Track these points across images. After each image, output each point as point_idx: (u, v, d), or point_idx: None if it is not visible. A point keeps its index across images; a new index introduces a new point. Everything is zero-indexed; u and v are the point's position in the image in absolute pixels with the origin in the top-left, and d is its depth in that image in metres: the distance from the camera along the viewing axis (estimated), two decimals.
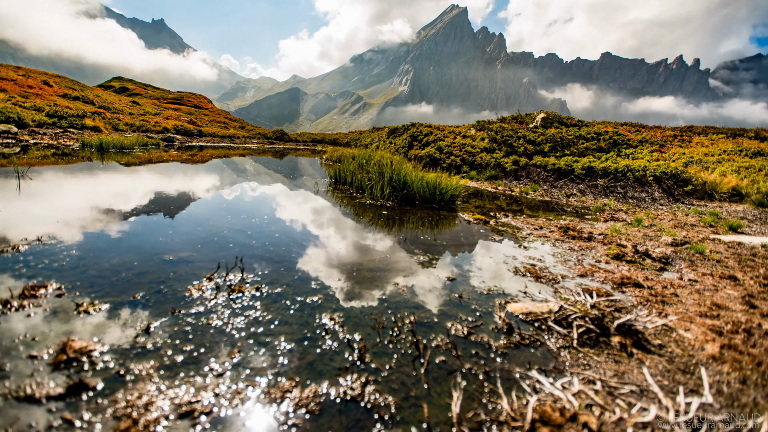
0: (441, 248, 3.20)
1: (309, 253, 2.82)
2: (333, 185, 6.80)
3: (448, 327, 1.78)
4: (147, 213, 3.68)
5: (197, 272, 2.24)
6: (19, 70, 33.06)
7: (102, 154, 9.95)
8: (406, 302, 2.05)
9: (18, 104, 16.87)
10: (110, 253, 2.45)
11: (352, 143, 26.60)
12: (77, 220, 3.19)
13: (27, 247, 2.40)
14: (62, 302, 1.74)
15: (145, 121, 24.54)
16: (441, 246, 3.27)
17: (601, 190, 7.56)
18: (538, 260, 2.98)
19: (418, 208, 5.06)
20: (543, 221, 4.60)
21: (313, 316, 1.81)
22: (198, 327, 1.62)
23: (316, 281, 2.26)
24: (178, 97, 52.72)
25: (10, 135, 11.77)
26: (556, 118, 11.82)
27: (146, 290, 1.94)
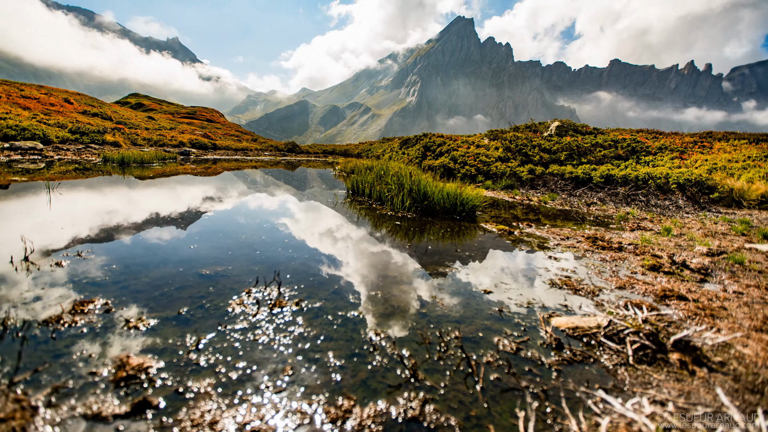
0: (470, 260, 3.16)
1: (339, 266, 2.81)
2: (351, 197, 6.83)
3: (494, 342, 1.74)
4: (176, 226, 3.73)
5: (234, 286, 2.26)
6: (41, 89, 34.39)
7: (123, 169, 10.20)
8: (447, 316, 2.02)
9: (42, 122, 17.49)
10: (147, 267, 2.49)
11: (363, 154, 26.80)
12: (111, 234, 3.25)
13: (69, 262, 2.45)
14: (111, 317, 1.77)
15: (162, 135, 25.17)
16: (470, 258, 3.24)
17: (622, 198, 7.43)
18: (571, 272, 2.93)
19: (439, 219, 5.04)
20: (568, 231, 4.53)
21: (357, 331, 1.80)
22: (246, 343, 1.62)
23: (353, 295, 2.25)
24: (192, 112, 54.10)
25: (36, 151, 12.18)
26: (570, 126, 11.73)
27: (189, 305, 1.96)
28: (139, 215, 4.16)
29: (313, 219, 4.67)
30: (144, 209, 4.52)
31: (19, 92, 27.88)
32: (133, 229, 3.50)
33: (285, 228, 4.01)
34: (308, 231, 3.96)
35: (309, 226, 4.20)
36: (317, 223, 4.44)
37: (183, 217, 4.25)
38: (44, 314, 1.74)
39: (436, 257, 3.20)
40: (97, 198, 5.08)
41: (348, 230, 4.12)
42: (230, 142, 31.51)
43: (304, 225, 4.27)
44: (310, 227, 4.16)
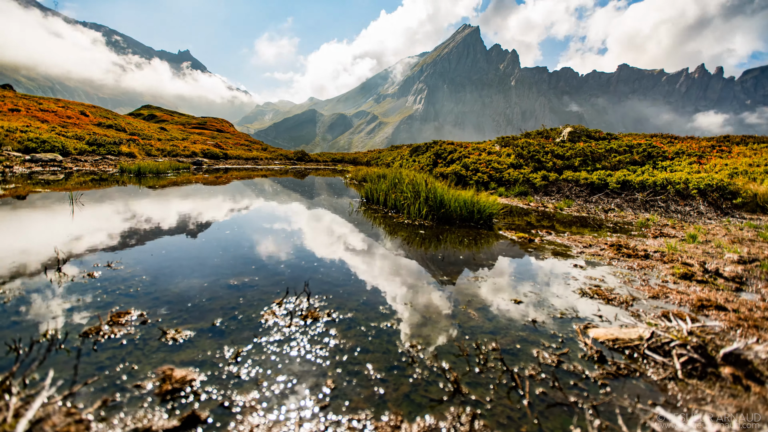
0: (494, 268, 3.12)
1: (364, 276, 2.80)
2: (366, 205, 6.84)
3: (534, 354, 1.71)
4: (198, 236, 3.77)
5: (264, 297, 2.26)
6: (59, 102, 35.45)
7: (140, 179, 10.38)
8: (480, 327, 1.99)
9: (61, 134, 17.97)
10: (175, 278, 2.51)
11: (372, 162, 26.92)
12: (137, 245, 3.29)
13: (100, 273, 2.48)
14: (148, 329, 1.77)
15: (175, 146, 25.64)
16: (493, 266, 3.20)
17: (640, 204, 7.31)
18: (600, 280, 2.87)
19: (456, 228, 5.01)
20: (590, 239, 4.46)
21: (392, 342, 1.78)
22: (284, 355, 1.61)
23: (383, 305, 2.23)
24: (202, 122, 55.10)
25: (56, 163, 12.49)
26: (583, 131, 11.62)
27: (222, 316, 1.96)
28: (161, 226, 4.21)
29: (331, 228, 4.68)
30: (166, 219, 4.58)
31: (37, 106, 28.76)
32: (157, 240, 3.54)
33: (305, 237, 4.02)
34: (328, 240, 3.97)
35: (329, 236, 4.21)
36: (336, 232, 4.45)
37: (204, 227, 4.29)
38: (84, 326, 1.76)
39: (460, 266, 3.17)
40: (119, 208, 5.17)
41: (368, 239, 4.11)
42: (241, 152, 31.95)
43: (324, 234, 4.28)
44: (330, 236, 4.17)
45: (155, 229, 3.98)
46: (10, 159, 11.87)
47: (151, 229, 4.01)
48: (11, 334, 1.66)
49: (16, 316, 1.83)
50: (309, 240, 3.90)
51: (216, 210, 5.53)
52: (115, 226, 4.01)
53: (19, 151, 13.57)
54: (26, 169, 10.72)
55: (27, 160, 12.14)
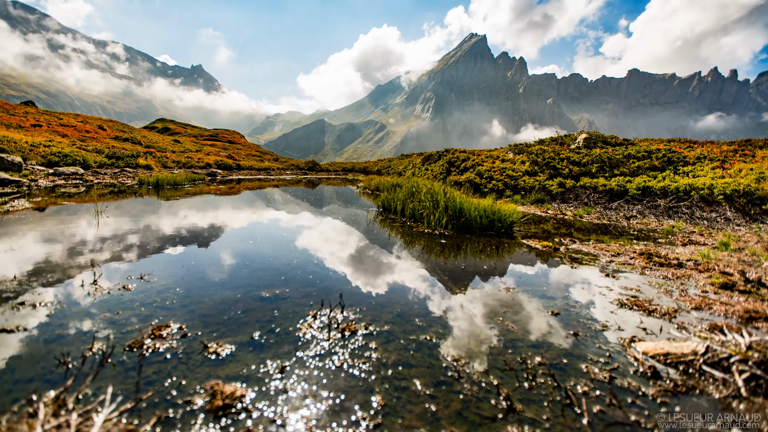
0: (524, 279, 3.07)
1: (393, 286, 2.78)
2: (383, 214, 6.84)
3: (582, 369, 1.65)
4: (223, 246, 3.80)
5: (297, 309, 2.25)
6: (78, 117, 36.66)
7: (158, 191, 10.58)
8: (521, 340, 1.94)
9: (82, 148, 18.51)
10: (207, 290, 2.52)
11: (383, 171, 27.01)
12: (165, 256, 3.33)
13: (135, 286, 2.51)
14: (189, 342, 1.78)
15: (189, 157, 26.18)
16: (522, 276, 3.14)
17: (663, 211, 7.14)
18: (636, 290, 2.79)
19: (477, 236, 4.96)
20: (617, 247, 4.36)
21: (434, 356, 1.74)
22: (329, 370, 1.59)
23: (419, 317, 2.20)
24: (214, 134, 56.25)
25: (78, 176, 12.84)
26: (599, 137, 11.49)
27: (259, 329, 1.95)
28: (187, 237, 4.26)
29: (353, 238, 4.67)
30: (191, 231, 4.63)
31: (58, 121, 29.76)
32: (185, 251, 3.58)
33: (328, 248, 4.02)
34: (352, 251, 3.95)
35: (352, 246, 4.20)
36: (358, 242, 4.44)
37: (229, 238, 4.33)
38: (127, 339, 1.77)
39: (487, 276, 3.12)
40: (143, 220, 5.26)
41: (391, 249, 4.09)
42: (253, 162, 32.43)
43: (347, 244, 4.27)
44: (353, 247, 4.16)
45: (181, 241, 4.03)
46: (35, 173, 12.25)
47: (178, 240, 4.06)
48: (58, 348, 1.68)
49: (60, 329, 1.86)
50: (333, 250, 3.90)
51: (237, 221, 5.59)
52: (142, 238, 4.07)
53: (42, 165, 14.00)
54: (50, 183, 11.03)
55: (50, 173, 12.51)
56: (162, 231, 4.54)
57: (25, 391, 1.37)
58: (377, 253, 3.89)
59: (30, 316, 1.98)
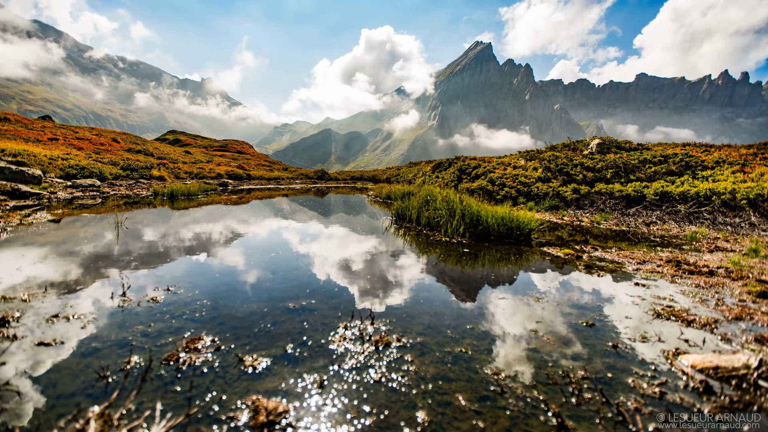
0: (551, 288, 3.00)
1: (420, 296, 2.74)
2: (399, 223, 6.82)
3: (629, 384, 1.59)
4: (245, 257, 3.81)
5: (326, 321, 2.23)
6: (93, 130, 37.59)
7: (172, 201, 10.72)
8: (559, 353, 1.88)
9: (98, 160, 18.93)
10: (234, 302, 2.51)
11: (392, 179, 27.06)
12: (189, 267, 3.35)
13: (163, 297, 2.52)
14: (223, 356, 1.76)
15: (201, 168, 26.59)
16: (549, 285, 3.08)
17: (683, 216, 6.99)
18: (670, 300, 2.71)
19: (495, 244, 4.90)
20: (641, 254, 4.26)
21: (472, 369, 1.70)
22: (367, 384, 1.55)
23: (450, 328, 2.16)
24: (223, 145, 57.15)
25: (95, 188, 13.11)
26: (612, 143, 11.36)
27: (291, 342, 1.93)
28: (208, 248, 4.28)
29: (371, 247, 4.65)
30: (211, 241, 4.66)
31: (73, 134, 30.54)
32: (207, 262, 3.59)
33: (349, 258, 4.00)
34: (374, 260, 3.93)
35: (372, 256, 4.17)
36: (378, 251, 4.41)
37: (250, 248, 4.35)
38: (162, 352, 1.77)
39: (513, 285, 3.06)
40: (162, 230, 5.31)
41: (412, 258, 4.06)
42: (263, 172, 32.79)
43: (367, 254, 4.25)
44: (373, 256, 4.13)
45: (203, 251, 4.05)
46: (54, 185, 12.53)
47: (199, 251, 4.08)
48: (96, 361, 1.68)
49: (95, 342, 1.86)
50: (354, 260, 3.88)
51: (255, 231, 5.61)
52: (164, 249, 4.10)
53: (60, 178, 14.34)
54: (68, 195, 11.27)
55: (68, 185, 12.79)
56: (183, 242, 4.58)
57: (69, 405, 1.36)
58: (398, 262, 3.86)
59: (65, 328, 1.99)
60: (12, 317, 2.07)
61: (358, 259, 3.96)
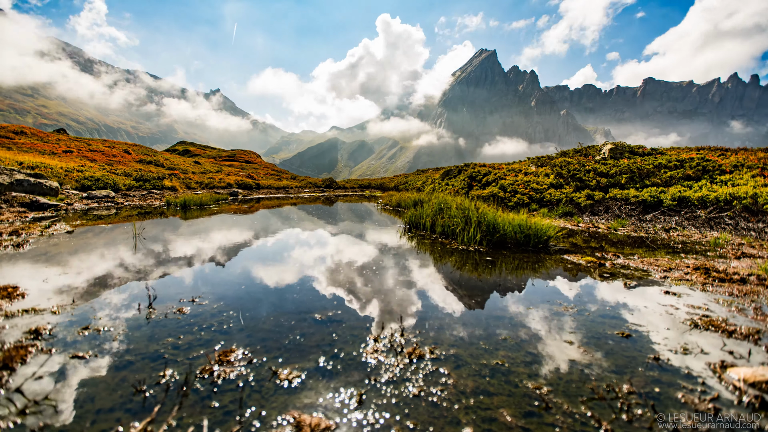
0: (578, 297, 2.94)
1: (445, 306, 2.70)
2: (413, 231, 6.78)
3: (679, 399, 1.53)
4: (265, 267, 3.80)
5: (355, 333, 2.20)
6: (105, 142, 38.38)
7: (185, 211, 10.83)
8: (599, 366, 1.82)
9: (112, 172, 19.28)
10: (260, 313, 2.50)
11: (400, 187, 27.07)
12: (211, 277, 3.35)
13: (189, 309, 2.51)
14: (257, 369, 1.74)
15: (211, 178, 26.92)
16: (575, 294, 3.01)
17: (704, 222, 6.85)
18: (705, 309, 2.62)
19: (513, 252, 4.84)
20: (666, 261, 4.16)
21: (512, 383, 1.65)
22: (407, 399, 1.52)
23: (482, 339, 2.11)
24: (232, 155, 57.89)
25: (109, 199, 13.32)
26: (625, 147, 11.23)
27: (323, 354, 1.90)
28: (227, 258, 4.29)
29: (389, 256, 4.62)
30: (229, 251, 4.68)
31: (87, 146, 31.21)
32: (229, 273, 3.59)
33: (369, 267, 3.98)
34: (395, 270, 3.90)
35: (393, 265, 4.14)
36: (398, 260, 4.38)
37: (270, 259, 4.34)
38: (194, 365, 1.75)
39: (541, 295, 3.00)
40: (180, 240, 5.35)
41: (431, 267, 4.02)
42: (272, 181, 33.08)
43: (387, 263, 4.22)
44: (394, 266, 4.10)
45: (223, 261, 4.06)
46: (70, 197, 12.77)
47: (219, 261, 4.09)
48: (130, 374, 1.66)
49: (128, 354, 1.85)
50: (374, 269, 3.85)
51: (272, 241, 5.62)
52: (184, 259, 4.12)
53: (76, 189, 14.61)
54: (84, 206, 11.46)
55: (84, 197, 13.02)
56: (202, 252, 4.59)
57: (109, 421, 1.35)
58: (418, 271, 3.82)
59: (96, 341, 1.99)
60: (44, 329, 2.08)
61: (378, 268, 3.93)
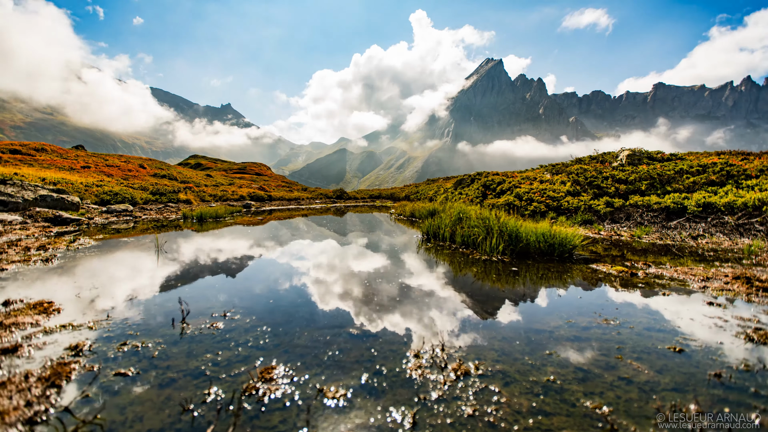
0: (617, 309, 2.84)
1: (481, 319, 2.62)
2: (432, 241, 6.72)
3: (754, 422, 1.43)
4: (289, 278, 3.77)
5: (393, 348, 2.14)
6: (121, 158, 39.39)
7: (202, 224, 10.95)
8: (656, 383, 1.73)
9: (129, 186, 19.70)
10: (294, 328, 2.46)
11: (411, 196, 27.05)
12: (239, 290, 3.33)
13: (222, 324, 2.49)
14: (302, 387, 1.70)
15: (224, 191, 27.31)
16: (614, 306, 2.91)
17: (732, 228, 6.64)
18: (755, 321, 2.50)
19: (538, 262, 4.74)
20: (701, 270, 4.02)
21: (568, 402, 1.58)
22: (462, 419, 1.45)
23: (526, 354, 2.03)
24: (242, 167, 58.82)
25: (127, 212, 13.58)
26: (643, 153, 11.04)
27: (365, 371, 1.85)
28: (252, 271, 4.29)
29: (413, 268, 4.56)
30: (252, 263, 4.68)
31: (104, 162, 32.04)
32: (256, 286, 3.58)
33: (394, 279, 3.92)
34: (419, 281, 3.84)
35: (417, 276, 4.08)
36: (422, 272, 4.32)
37: (292, 270, 4.33)
38: (237, 383, 1.72)
39: (578, 306, 2.91)
40: (202, 253, 5.37)
41: (459, 278, 3.95)
42: (283, 193, 33.40)
43: (411, 275, 4.16)
44: (418, 277, 4.04)
45: (248, 274, 4.06)
46: (90, 211, 13.05)
47: (244, 273, 4.09)
48: (175, 393, 1.64)
49: (169, 371, 1.83)
50: (400, 281, 3.79)
51: (293, 252, 5.62)
52: (209, 272, 4.13)
53: (95, 204, 14.94)
54: (104, 220, 11.69)
55: (104, 211, 13.30)
56: (226, 264, 4.60)
57: None
58: (446, 282, 3.75)
59: (136, 357, 1.98)
60: (84, 345, 2.08)
61: (404, 279, 3.88)
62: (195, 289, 3.40)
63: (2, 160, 22.03)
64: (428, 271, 4.35)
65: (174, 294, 3.23)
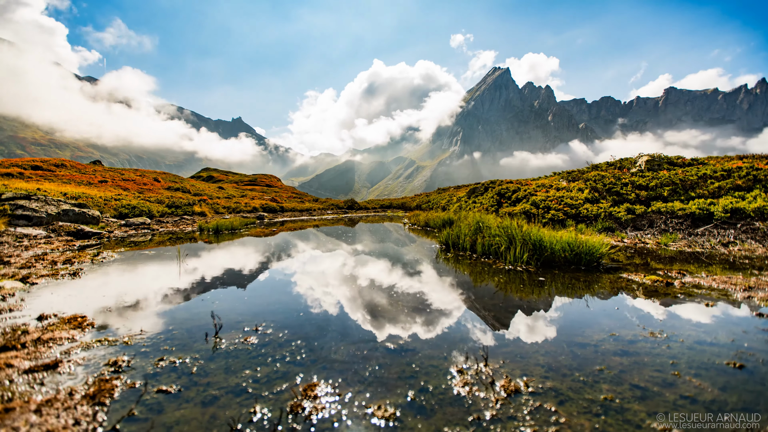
0: (660, 321, 2.72)
1: (519, 332, 2.54)
2: (451, 251, 6.63)
3: None
4: (314, 290, 3.74)
5: (434, 363, 2.08)
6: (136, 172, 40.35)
7: (218, 236, 11.04)
8: (723, 402, 1.63)
9: (145, 199, 20.10)
10: (328, 342, 2.42)
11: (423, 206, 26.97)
12: (267, 303, 3.30)
13: (255, 340, 2.46)
14: (348, 406, 1.64)
15: (237, 203, 27.65)
16: (655, 318, 2.79)
17: (764, 234, 6.40)
18: None
19: (564, 271, 4.61)
20: (741, 279, 3.85)
21: (633, 423, 1.48)
22: None
23: (575, 370, 1.95)
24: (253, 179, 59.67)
25: (145, 225, 13.81)
26: (663, 159, 10.81)
27: (410, 388, 1.79)
28: (276, 282, 4.27)
29: (438, 279, 4.49)
30: (275, 274, 4.66)
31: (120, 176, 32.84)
32: (283, 298, 3.55)
33: (418, 291, 3.85)
34: (445, 292, 3.76)
35: (442, 287, 4.01)
36: (445, 282, 4.24)
37: (316, 282, 4.29)
38: (280, 401, 1.67)
39: (618, 318, 2.80)
40: (222, 265, 5.39)
41: (486, 289, 3.86)
42: (295, 204, 33.67)
43: (435, 286, 4.09)
44: (443, 288, 3.97)
45: (274, 286, 4.03)
46: (109, 224, 13.31)
47: (269, 285, 4.07)
48: (219, 411, 1.60)
49: (210, 388, 1.80)
50: (425, 293, 3.72)
51: (314, 263, 5.60)
52: (236, 284, 4.12)
53: (114, 217, 15.25)
54: (123, 233, 11.90)
55: (123, 224, 13.55)
56: (250, 276, 4.59)
57: None
58: (474, 294, 3.67)
59: (175, 373, 1.95)
60: (122, 361, 2.06)
61: (430, 290, 3.80)
62: (223, 302, 3.38)
63: (25, 176, 22.75)
64: (453, 281, 4.27)
65: (202, 307, 3.22)
